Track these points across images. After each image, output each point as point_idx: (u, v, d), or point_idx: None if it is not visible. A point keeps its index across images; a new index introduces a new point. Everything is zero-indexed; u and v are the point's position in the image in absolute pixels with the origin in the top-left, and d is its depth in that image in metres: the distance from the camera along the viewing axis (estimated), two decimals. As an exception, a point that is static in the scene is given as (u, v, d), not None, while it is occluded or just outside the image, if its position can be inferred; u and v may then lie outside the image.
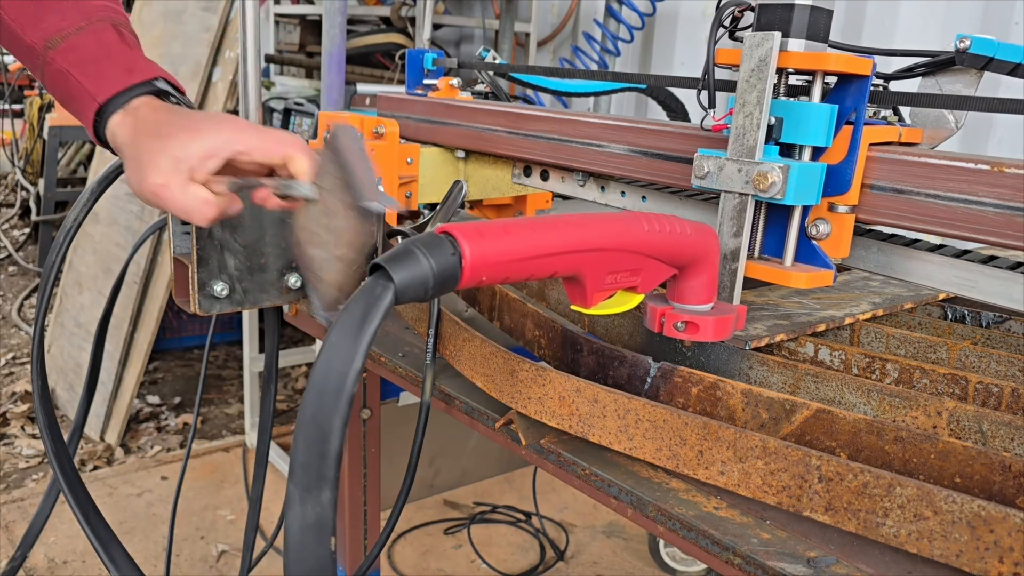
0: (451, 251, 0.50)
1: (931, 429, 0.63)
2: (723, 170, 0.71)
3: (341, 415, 0.45)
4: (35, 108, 4.56)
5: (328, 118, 1.04)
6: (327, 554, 0.45)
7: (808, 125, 0.69)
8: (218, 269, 0.86)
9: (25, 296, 4.05)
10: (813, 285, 0.72)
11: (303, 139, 0.70)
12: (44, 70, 0.72)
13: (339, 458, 0.45)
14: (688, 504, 0.61)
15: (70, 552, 2.10)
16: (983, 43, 0.71)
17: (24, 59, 0.74)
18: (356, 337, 0.46)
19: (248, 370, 2.59)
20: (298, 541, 0.45)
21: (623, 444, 0.64)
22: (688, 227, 0.62)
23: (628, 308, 0.64)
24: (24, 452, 2.61)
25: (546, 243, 0.55)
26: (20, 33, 0.72)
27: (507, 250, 0.53)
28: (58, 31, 0.72)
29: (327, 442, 0.45)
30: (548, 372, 0.67)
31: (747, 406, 0.65)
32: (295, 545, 0.45)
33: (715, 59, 0.72)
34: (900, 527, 0.53)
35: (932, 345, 0.77)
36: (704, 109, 0.74)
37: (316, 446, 0.45)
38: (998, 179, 0.63)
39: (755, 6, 0.69)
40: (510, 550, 2.26)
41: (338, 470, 0.45)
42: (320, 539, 0.45)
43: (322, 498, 0.45)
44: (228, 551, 2.16)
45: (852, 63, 0.68)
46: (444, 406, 0.82)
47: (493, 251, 0.52)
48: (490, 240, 0.52)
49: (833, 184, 0.71)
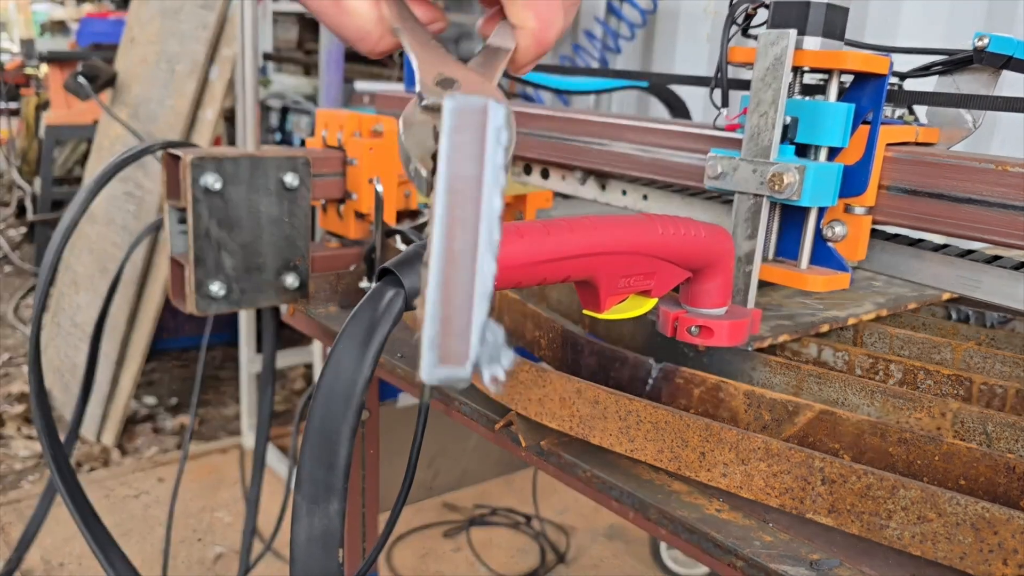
0: None
1: (935, 430, 0.63)
2: (737, 171, 0.69)
3: (349, 425, 0.44)
4: (31, 106, 4.55)
5: (326, 116, 1.03)
6: (335, 566, 0.44)
7: (824, 125, 0.68)
8: (215, 269, 0.86)
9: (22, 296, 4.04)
10: (829, 288, 0.71)
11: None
12: None
13: (347, 469, 0.44)
14: (690, 506, 0.60)
15: (66, 554, 2.09)
16: (1002, 41, 0.70)
17: None
18: (365, 345, 0.45)
19: (245, 371, 2.59)
20: (305, 553, 0.44)
21: (624, 446, 0.64)
22: (702, 229, 0.61)
23: (642, 312, 0.63)
24: (20, 453, 2.60)
25: (560, 247, 0.53)
26: None
27: (520, 254, 0.51)
28: None
29: (335, 453, 0.44)
30: (548, 373, 0.67)
31: (750, 407, 0.64)
32: (302, 557, 0.44)
33: (728, 57, 0.71)
34: (904, 529, 0.53)
35: (936, 346, 0.77)
36: (716, 108, 0.73)
37: (324, 457, 0.44)
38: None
39: (770, 3, 0.68)
40: (510, 553, 2.25)
41: (346, 481, 0.44)
42: (328, 551, 0.44)
43: (330, 509, 0.44)
44: (225, 553, 2.15)
45: (869, 62, 0.67)
46: (443, 407, 0.82)
47: (505, 255, 0.50)
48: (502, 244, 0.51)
49: (849, 185, 0.70)
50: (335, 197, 1.01)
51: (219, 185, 0.84)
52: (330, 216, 1.05)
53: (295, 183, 0.90)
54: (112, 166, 1.00)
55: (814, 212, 0.71)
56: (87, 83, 2.47)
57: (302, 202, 0.91)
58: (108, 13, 4.42)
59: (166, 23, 2.64)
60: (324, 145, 1.04)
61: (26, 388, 2.97)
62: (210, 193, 0.84)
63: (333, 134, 1.02)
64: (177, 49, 2.56)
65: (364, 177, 0.99)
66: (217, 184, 0.84)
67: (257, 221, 0.87)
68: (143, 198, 2.57)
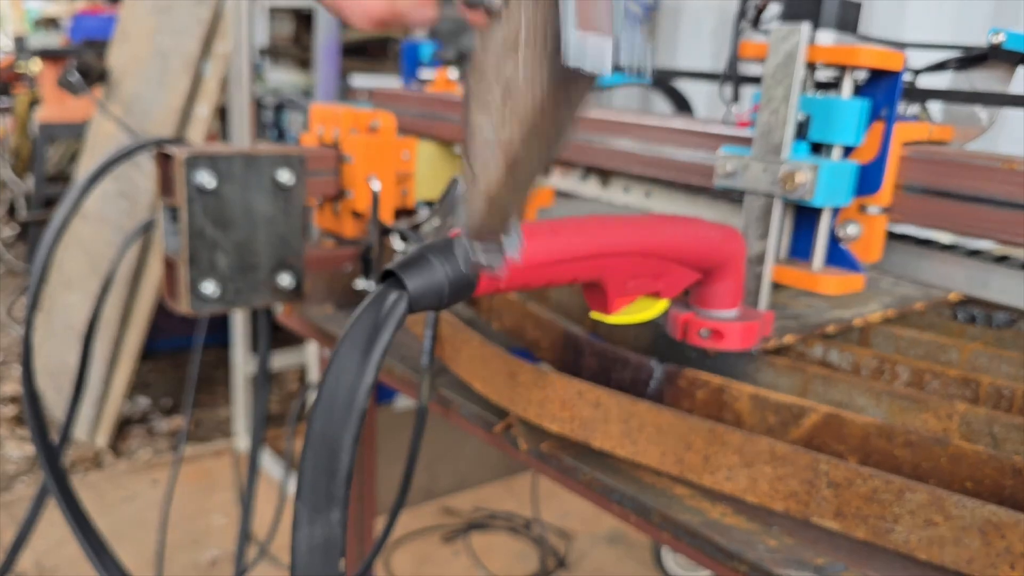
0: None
1: (942, 432, 0.62)
2: (748, 169, 0.68)
3: (351, 432, 0.43)
4: (24, 104, 4.52)
5: (321, 111, 1.02)
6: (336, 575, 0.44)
7: (838, 122, 0.66)
8: (209, 268, 0.85)
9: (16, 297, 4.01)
10: (843, 291, 0.70)
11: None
12: None
13: (349, 477, 0.43)
14: (693, 511, 0.60)
15: (59, 557, 2.07)
16: (1018, 38, 0.69)
17: None
18: (367, 349, 0.44)
19: (239, 372, 2.57)
20: (306, 562, 0.43)
21: (626, 449, 0.63)
22: (713, 229, 0.60)
23: (651, 315, 0.61)
24: (12, 455, 2.58)
25: (568, 247, 0.52)
26: None
27: (528, 256, 0.49)
28: None
29: (337, 460, 0.43)
30: (549, 375, 0.66)
31: (754, 410, 0.64)
32: (303, 566, 0.43)
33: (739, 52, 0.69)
34: (910, 533, 0.52)
35: (943, 347, 0.76)
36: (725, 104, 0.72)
37: (325, 464, 0.43)
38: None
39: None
40: (510, 557, 2.23)
41: (348, 489, 0.43)
42: (328, 560, 0.43)
43: (331, 518, 0.43)
44: (219, 556, 2.13)
45: (885, 57, 0.65)
46: (442, 410, 0.81)
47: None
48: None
49: (864, 184, 0.69)
50: (330, 195, 1.00)
51: (213, 183, 0.83)
52: (325, 214, 1.04)
53: (290, 181, 0.89)
54: (104, 164, 0.99)
55: (827, 212, 0.70)
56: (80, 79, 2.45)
57: (297, 200, 0.89)
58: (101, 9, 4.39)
59: (159, 19, 2.62)
60: (319, 142, 1.02)
61: (18, 389, 2.95)
62: (204, 191, 0.82)
63: (329, 130, 1.00)
64: (170, 45, 2.54)
65: (360, 175, 0.97)
66: (211, 182, 0.82)
67: (251, 220, 0.86)
68: (136, 196, 2.55)
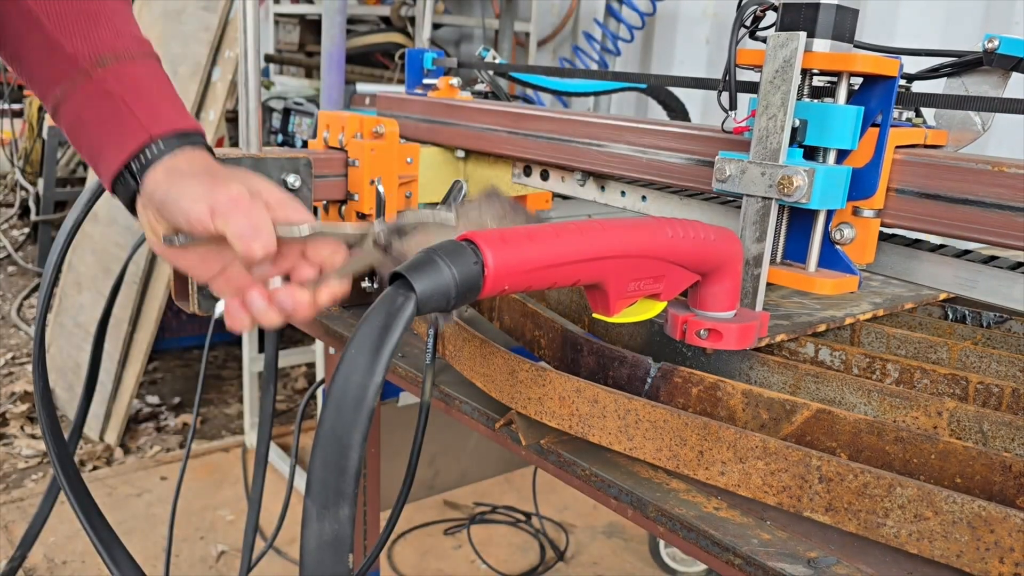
0: (473, 259, 0.48)
1: (932, 429, 0.63)
2: (745, 173, 0.69)
3: (361, 430, 0.44)
4: (35, 108, 4.56)
5: (328, 117, 1.04)
6: (345, 572, 0.44)
7: (834, 127, 0.67)
8: (218, 269, 0.86)
9: (24, 296, 4.05)
10: (838, 292, 0.71)
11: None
12: (83, 87, 0.66)
13: (358, 474, 0.44)
14: (688, 504, 0.61)
15: (69, 552, 2.10)
16: (1012, 43, 0.70)
17: (52, 69, 0.67)
18: (376, 349, 0.45)
19: (247, 370, 2.59)
20: (315, 558, 0.44)
21: (623, 444, 0.64)
22: (712, 232, 0.61)
23: (651, 316, 0.63)
24: (24, 452, 2.61)
25: (571, 250, 0.53)
26: (62, 40, 0.66)
27: (531, 258, 0.51)
28: (112, 50, 0.66)
29: (346, 457, 0.43)
30: (548, 372, 0.67)
31: (747, 406, 0.65)
32: (312, 563, 0.44)
33: (736, 60, 0.70)
34: (901, 527, 0.53)
35: (933, 345, 0.77)
36: (724, 110, 0.73)
37: (335, 461, 0.44)
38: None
39: (778, 5, 0.68)
40: (510, 550, 2.25)
41: (357, 486, 0.44)
42: (338, 556, 0.44)
43: (340, 514, 0.44)
44: (228, 551, 2.16)
45: (879, 64, 0.67)
46: (444, 406, 0.82)
47: (516, 259, 0.50)
48: (513, 248, 0.50)
49: (858, 188, 0.70)
50: (337, 198, 1.02)
51: (222, 186, 0.84)
52: (332, 217, 1.06)
53: (297, 184, 0.91)
54: (115, 167, 1.00)
55: (823, 215, 0.71)
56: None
57: (304, 203, 0.91)
58: (111, 14, 4.42)
59: (168, 25, 2.65)
60: (326, 146, 1.04)
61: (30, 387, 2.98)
62: (213, 194, 0.84)
63: (335, 135, 1.02)
64: (179, 51, 2.57)
65: (366, 178, 0.99)
66: (220, 185, 0.84)
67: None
68: (146, 198, 2.57)
